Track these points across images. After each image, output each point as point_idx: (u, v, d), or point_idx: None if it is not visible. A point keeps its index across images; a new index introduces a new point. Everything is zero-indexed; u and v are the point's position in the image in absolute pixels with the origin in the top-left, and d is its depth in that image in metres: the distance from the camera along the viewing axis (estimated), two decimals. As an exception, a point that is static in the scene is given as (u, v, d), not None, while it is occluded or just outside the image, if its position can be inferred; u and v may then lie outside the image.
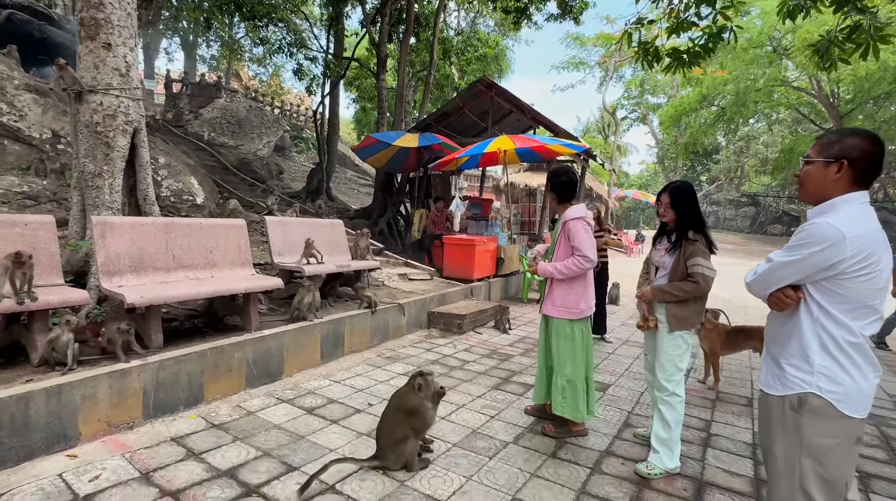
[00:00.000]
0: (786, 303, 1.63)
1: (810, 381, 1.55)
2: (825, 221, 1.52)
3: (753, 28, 18.63)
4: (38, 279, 3.16)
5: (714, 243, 2.74)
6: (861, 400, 1.52)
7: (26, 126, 6.80)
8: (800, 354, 1.59)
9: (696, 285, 2.63)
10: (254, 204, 9.56)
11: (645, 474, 2.68)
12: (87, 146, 4.08)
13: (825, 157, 1.59)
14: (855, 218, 1.51)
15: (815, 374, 1.55)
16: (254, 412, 3.28)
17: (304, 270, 4.63)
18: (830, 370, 1.53)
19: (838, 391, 1.51)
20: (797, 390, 1.57)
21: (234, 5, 11.79)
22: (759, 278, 1.68)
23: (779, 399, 1.62)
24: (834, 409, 1.52)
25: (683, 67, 5.85)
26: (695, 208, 2.73)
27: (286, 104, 24.29)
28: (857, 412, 1.51)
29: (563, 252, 3.06)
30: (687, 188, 2.78)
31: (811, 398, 1.54)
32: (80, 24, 4.07)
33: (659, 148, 38.88)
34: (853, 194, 1.56)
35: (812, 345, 1.56)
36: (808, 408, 1.55)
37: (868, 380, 1.52)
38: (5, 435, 2.38)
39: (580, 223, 2.97)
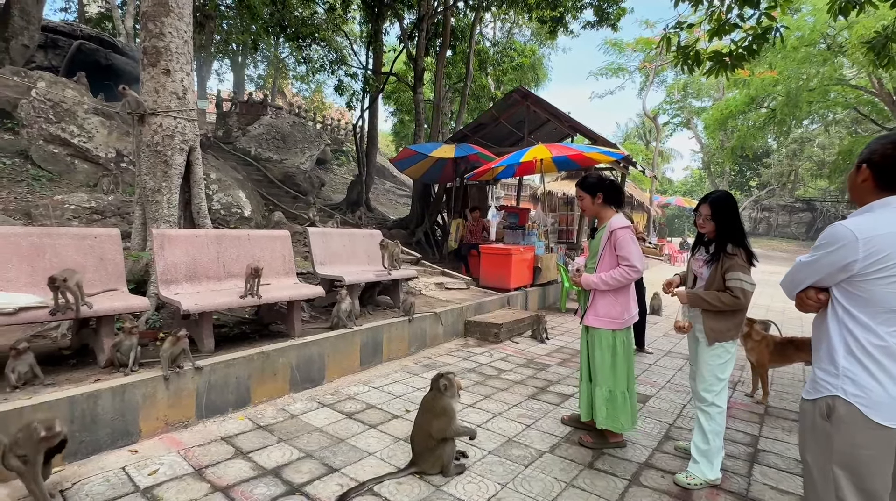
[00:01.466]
0: (807, 305, 1.66)
1: (836, 384, 1.53)
2: (842, 222, 1.54)
3: (805, 25, 17.78)
4: (104, 287, 3.43)
5: (755, 255, 2.67)
6: (892, 407, 1.45)
7: (94, 147, 7.39)
8: (827, 357, 1.58)
9: (734, 298, 2.57)
10: (297, 216, 9.94)
11: (684, 483, 2.63)
12: (148, 164, 4.42)
13: (857, 162, 1.63)
14: (881, 221, 1.49)
15: (840, 377, 1.52)
16: (297, 415, 3.42)
17: (345, 278, 4.78)
18: (856, 374, 1.50)
19: (865, 396, 1.47)
20: (825, 393, 1.56)
21: (280, 27, 12.40)
22: (785, 279, 1.74)
23: (810, 404, 1.61)
24: (862, 416, 1.47)
25: (725, 70, 5.69)
26: (735, 220, 2.67)
27: (327, 119, 25.12)
28: (888, 421, 1.45)
29: (607, 262, 2.99)
30: (727, 199, 2.72)
31: (838, 403, 1.51)
32: (143, 53, 4.43)
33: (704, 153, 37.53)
34: (889, 199, 1.53)
35: (838, 348, 1.55)
36: (836, 416, 1.51)
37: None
38: (77, 430, 2.61)
39: (628, 232, 2.93)
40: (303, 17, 13.06)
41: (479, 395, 3.98)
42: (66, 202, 6.33)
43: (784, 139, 30.18)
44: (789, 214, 34.25)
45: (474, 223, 9.03)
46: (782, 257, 23.68)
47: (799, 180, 36.41)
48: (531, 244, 8.04)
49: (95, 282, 3.40)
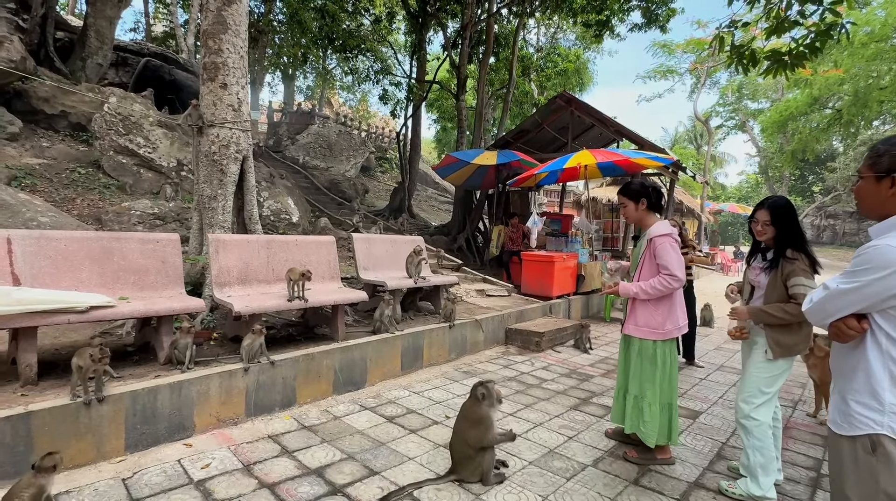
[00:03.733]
0: (847, 335, 1.47)
1: (882, 421, 1.38)
2: (887, 243, 1.38)
3: (875, 20, 16.60)
4: (164, 289, 3.66)
5: (818, 262, 2.51)
6: None
7: (157, 156, 7.90)
8: (867, 390, 1.43)
9: (800, 307, 2.40)
10: (341, 222, 10.21)
11: (724, 488, 2.60)
12: (205, 173, 4.68)
13: (876, 171, 1.47)
14: None
15: (886, 413, 1.38)
16: (339, 417, 3.49)
17: (387, 284, 4.86)
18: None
19: None
20: (867, 431, 1.41)
21: (328, 40, 12.84)
22: (815, 306, 1.53)
23: (849, 440, 1.45)
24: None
25: (785, 69, 5.40)
26: (795, 225, 2.53)
27: (372, 127, 25.72)
28: None
29: (647, 271, 2.91)
30: (786, 204, 2.59)
31: (885, 441, 1.37)
32: (203, 69, 4.71)
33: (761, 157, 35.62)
34: None
35: (882, 381, 1.40)
36: (882, 452, 1.37)
37: None
38: (139, 422, 2.78)
39: (668, 240, 2.83)
40: (350, 30, 13.49)
41: (519, 404, 3.93)
42: (131, 209, 6.79)
43: (851, 141, 28.16)
44: (857, 221, 31.79)
45: (514, 230, 8.96)
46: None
47: (869, 185, 33.80)
48: (574, 252, 7.88)
49: (157, 283, 3.63)
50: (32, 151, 7.58)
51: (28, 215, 5.19)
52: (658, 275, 2.82)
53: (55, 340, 3.68)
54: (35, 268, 3.13)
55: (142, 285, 3.56)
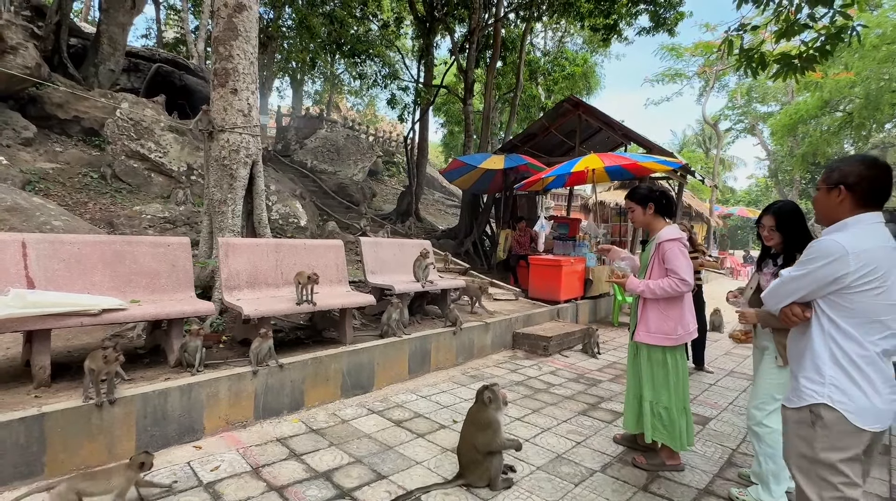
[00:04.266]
0: (791, 320, 1.73)
1: (822, 392, 1.62)
2: (831, 237, 1.63)
3: (886, 22, 16.45)
4: (175, 292, 3.70)
5: None
6: (874, 414, 1.56)
7: (168, 161, 8.00)
8: (812, 367, 1.67)
9: None
10: (349, 225, 10.26)
11: (734, 495, 2.58)
12: (215, 177, 4.73)
13: (827, 184, 1.72)
14: (862, 235, 1.60)
15: (826, 385, 1.62)
16: (347, 420, 3.50)
17: (395, 287, 4.87)
18: (841, 382, 1.60)
19: (849, 403, 1.57)
20: (811, 401, 1.64)
21: (336, 45, 12.95)
22: (770, 291, 1.79)
23: (795, 412, 1.70)
24: (847, 422, 1.57)
25: (795, 72, 5.36)
26: (803, 229, 2.51)
27: (379, 131, 25.84)
28: (870, 425, 1.56)
29: (656, 275, 2.91)
30: (792, 208, 2.58)
31: (823, 409, 1.61)
32: (214, 74, 4.77)
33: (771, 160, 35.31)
34: (864, 215, 1.65)
35: (824, 357, 1.64)
36: (821, 422, 1.61)
37: (881, 395, 1.57)
38: (149, 424, 2.81)
39: (676, 245, 2.82)
40: (358, 35, 13.59)
41: (527, 409, 3.92)
42: (143, 212, 6.87)
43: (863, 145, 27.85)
44: (870, 225, 31.41)
45: (521, 234, 8.95)
46: (862, 273, 21.76)
47: (881, 189, 33.41)
48: (582, 256, 7.86)
49: (167, 287, 3.67)
50: (46, 155, 7.71)
51: (42, 218, 5.27)
52: (667, 277, 2.81)
53: (68, 342, 3.73)
54: (49, 271, 3.17)
55: (153, 289, 3.60)
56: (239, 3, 4.68)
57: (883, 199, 1.68)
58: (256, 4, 4.88)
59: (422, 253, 5.30)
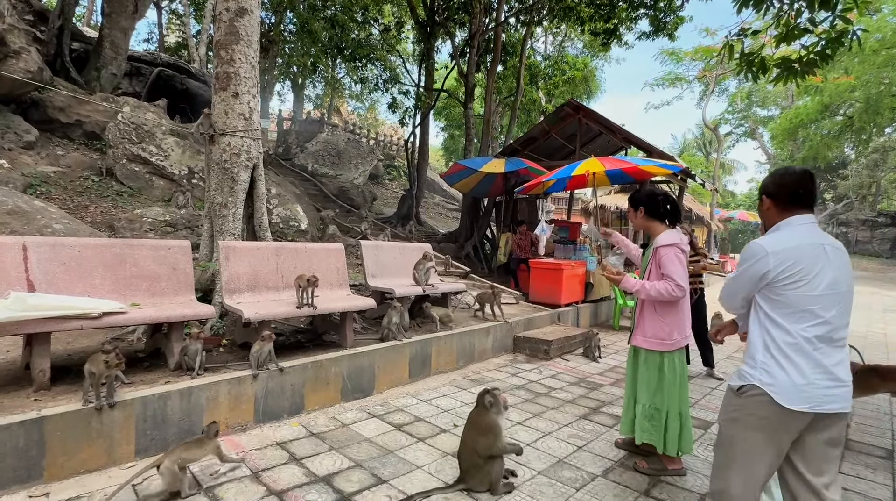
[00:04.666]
0: None
1: (753, 374, 1.82)
2: (757, 241, 1.88)
3: (886, 27, 16.50)
4: (175, 295, 3.69)
5: None
6: (797, 395, 1.72)
7: (169, 164, 8.02)
8: (749, 353, 1.88)
9: None
10: (350, 229, 10.26)
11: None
12: (216, 181, 4.73)
13: (760, 194, 2.02)
14: (786, 236, 1.83)
15: (757, 368, 1.81)
16: (347, 424, 3.49)
17: (395, 291, 4.87)
18: (769, 366, 1.78)
19: (775, 385, 1.75)
20: (745, 382, 1.84)
21: (338, 49, 12.99)
22: (722, 294, 2.04)
23: (731, 389, 1.91)
24: (770, 399, 1.75)
25: (795, 76, 5.37)
26: None
27: (380, 135, 25.90)
28: (793, 405, 1.72)
29: (654, 277, 2.92)
30: None
31: (753, 389, 1.81)
32: (215, 78, 4.79)
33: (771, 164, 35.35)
34: (792, 218, 1.88)
35: (757, 345, 1.84)
36: (749, 396, 1.82)
37: (805, 377, 1.72)
38: (149, 428, 2.80)
39: (672, 250, 2.83)
40: (359, 39, 13.64)
41: (528, 413, 3.90)
42: (143, 216, 6.88)
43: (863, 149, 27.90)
44: (871, 229, 31.31)
45: (522, 237, 8.95)
46: (863, 277, 21.68)
47: (881, 193, 33.44)
48: (583, 259, 7.85)
49: (168, 290, 3.67)
50: (48, 159, 7.73)
51: (43, 221, 5.28)
52: (663, 281, 2.81)
53: (68, 345, 3.73)
54: (49, 274, 3.17)
55: (153, 292, 3.59)
56: (240, 7, 4.70)
57: (806, 201, 1.89)
58: (258, 9, 4.90)
59: (423, 257, 5.29)
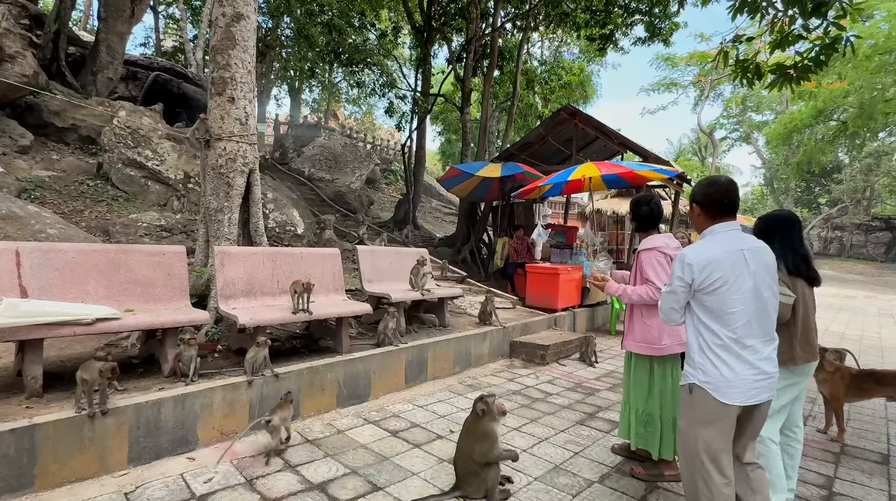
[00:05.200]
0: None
1: (694, 374, 2.03)
2: (682, 251, 2.06)
3: (878, 33, 16.67)
4: (170, 301, 3.67)
5: (803, 272, 2.55)
6: (729, 390, 1.93)
7: (165, 169, 7.99)
8: (688, 355, 2.09)
9: None
10: (346, 233, 10.24)
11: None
12: (212, 185, 4.72)
13: (690, 202, 2.20)
14: (710, 245, 2.02)
15: (696, 368, 2.02)
16: (343, 430, 3.47)
17: (391, 296, 4.85)
18: (704, 366, 1.99)
19: (710, 382, 1.96)
20: (689, 381, 2.05)
21: (335, 54, 13.01)
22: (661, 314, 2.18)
23: (683, 388, 2.11)
24: (710, 395, 1.96)
25: (790, 82, 5.40)
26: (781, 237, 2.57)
27: (377, 140, 25.92)
28: (728, 399, 1.93)
29: (638, 281, 2.98)
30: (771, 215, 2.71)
31: (695, 388, 2.01)
32: (212, 83, 4.78)
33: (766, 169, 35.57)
34: (717, 226, 2.07)
35: (694, 347, 2.05)
36: (696, 392, 2.01)
37: (736, 373, 1.92)
38: (142, 435, 2.77)
39: (652, 254, 2.88)
40: (356, 44, 13.68)
41: (524, 418, 3.89)
42: (139, 221, 6.85)
43: (857, 153, 28.10)
44: (865, 233, 31.47)
45: (518, 242, 8.96)
46: (858, 281, 21.79)
47: (875, 197, 33.67)
48: (579, 264, 7.85)
49: (162, 296, 3.65)
50: (43, 163, 7.69)
51: (37, 226, 5.25)
52: (645, 284, 2.86)
53: (61, 351, 3.69)
54: (42, 280, 3.15)
55: (147, 298, 3.57)
56: (237, 12, 4.71)
57: (729, 209, 2.06)
58: (254, 14, 4.91)
59: (419, 261, 5.29)
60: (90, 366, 2.64)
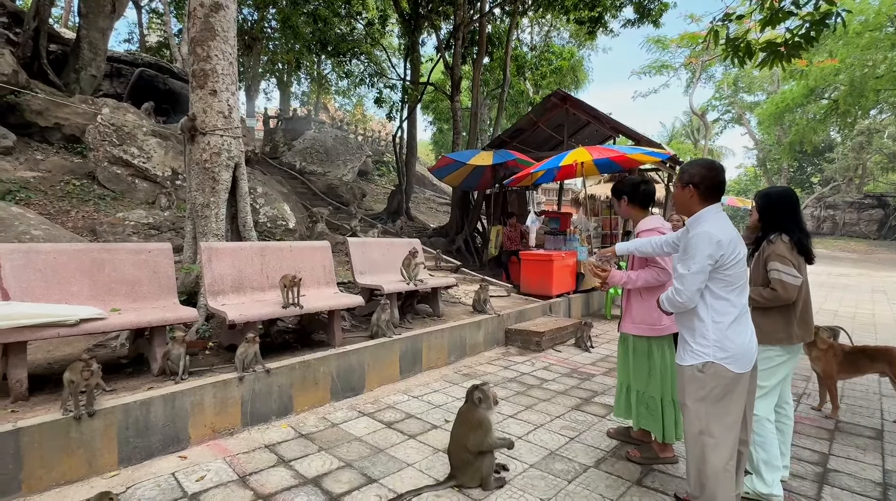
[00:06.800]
0: None
1: (708, 352, 2.04)
2: (702, 230, 2.04)
3: (869, 9, 16.57)
4: (157, 299, 3.62)
5: (810, 251, 2.53)
6: (743, 360, 2.02)
7: (152, 166, 7.87)
8: (700, 332, 2.08)
9: (773, 292, 2.45)
10: (339, 226, 10.17)
11: None
12: (197, 181, 4.64)
13: (681, 182, 2.18)
14: (719, 225, 2.06)
15: (710, 346, 2.04)
16: (337, 424, 3.45)
17: (384, 288, 4.81)
18: (721, 341, 2.02)
19: (729, 355, 2.01)
20: (701, 360, 2.05)
21: (321, 44, 12.81)
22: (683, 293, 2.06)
23: (689, 368, 2.10)
24: (726, 369, 2.01)
25: (781, 60, 5.34)
26: (780, 213, 2.56)
27: (368, 131, 25.70)
28: (742, 368, 2.02)
29: (637, 267, 2.92)
30: (770, 193, 2.66)
31: (708, 365, 2.03)
32: (192, 76, 4.68)
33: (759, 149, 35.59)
34: (710, 207, 2.12)
35: (708, 324, 2.06)
36: (709, 371, 2.03)
37: (745, 340, 2.03)
38: (131, 436, 2.73)
39: (654, 234, 2.81)
40: (343, 34, 13.47)
41: (520, 406, 3.88)
42: (126, 219, 6.76)
43: (849, 131, 28.13)
44: (857, 211, 31.64)
45: (512, 230, 8.92)
46: (851, 258, 21.93)
47: (868, 175, 33.80)
48: (573, 250, 7.83)
49: (149, 294, 3.59)
50: (27, 164, 7.56)
51: (21, 228, 5.16)
52: (648, 267, 2.80)
53: (49, 354, 3.64)
54: (24, 282, 3.08)
55: (134, 297, 3.52)
56: (215, 2, 4.60)
57: (720, 192, 2.14)
58: (234, 3, 4.79)
59: (410, 252, 5.24)
60: (76, 367, 2.59)
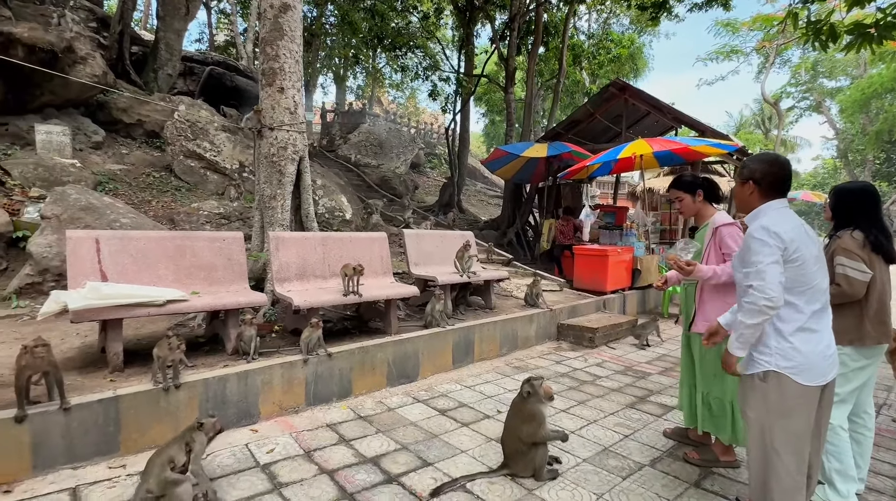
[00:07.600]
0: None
1: (770, 360, 1.90)
2: (760, 225, 1.90)
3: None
4: (231, 284, 3.90)
5: (889, 250, 2.37)
6: (811, 371, 1.85)
7: (222, 159, 8.40)
8: (760, 341, 1.94)
9: (837, 287, 2.31)
10: (392, 218, 10.41)
11: None
12: (265, 174, 4.92)
13: (740, 178, 2.09)
14: (778, 219, 1.91)
15: (773, 355, 1.90)
16: (393, 408, 3.59)
17: (438, 279, 4.91)
18: (783, 350, 1.88)
19: (793, 365, 1.86)
20: (762, 368, 1.92)
21: (378, 39, 13.06)
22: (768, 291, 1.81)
23: (750, 376, 1.98)
24: (791, 381, 1.86)
25: (871, 43, 4.91)
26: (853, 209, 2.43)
27: (421, 124, 25.96)
28: (811, 381, 1.85)
29: (712, 262, 2.78)
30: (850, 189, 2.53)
31: (771, 373, 1.89)
32: (262, 74, 4.95)
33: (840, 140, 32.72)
34: (772, 202, 2.00)
35: (769, 330, 1.92)
36: (772, 381, 1.89)
37: (815, 351, 1.85)
38: (211, 408, 2.99)
39: (733, 229, 2.73)
40: (399, 28, 13.66)
41: (572, 400, 3.87)
42: (200, 209, 7.26)
43: (949, 119, 25.24)
44: (954, 208, 28.47)
45: (565, 224, 8.77)
46: (946, 260, 19.81)
47: (969, 168, 30.24)
48: (629, 245, 7.62)
49: (224, 279, 3.87)
50: (114, 157, 8.28)
51: (111, 216, 5.68)
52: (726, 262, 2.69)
53: (137, 330, 4.02)
54: (119, 265, 3.43)
55: (211, 281, 3.81)
56: (284, 3, 4.82)
57: (785, 188, 2.02)
58: (300, 3, 5.01)
59: (464, 245, 5.31)
60: (163, 344, 2.87)
